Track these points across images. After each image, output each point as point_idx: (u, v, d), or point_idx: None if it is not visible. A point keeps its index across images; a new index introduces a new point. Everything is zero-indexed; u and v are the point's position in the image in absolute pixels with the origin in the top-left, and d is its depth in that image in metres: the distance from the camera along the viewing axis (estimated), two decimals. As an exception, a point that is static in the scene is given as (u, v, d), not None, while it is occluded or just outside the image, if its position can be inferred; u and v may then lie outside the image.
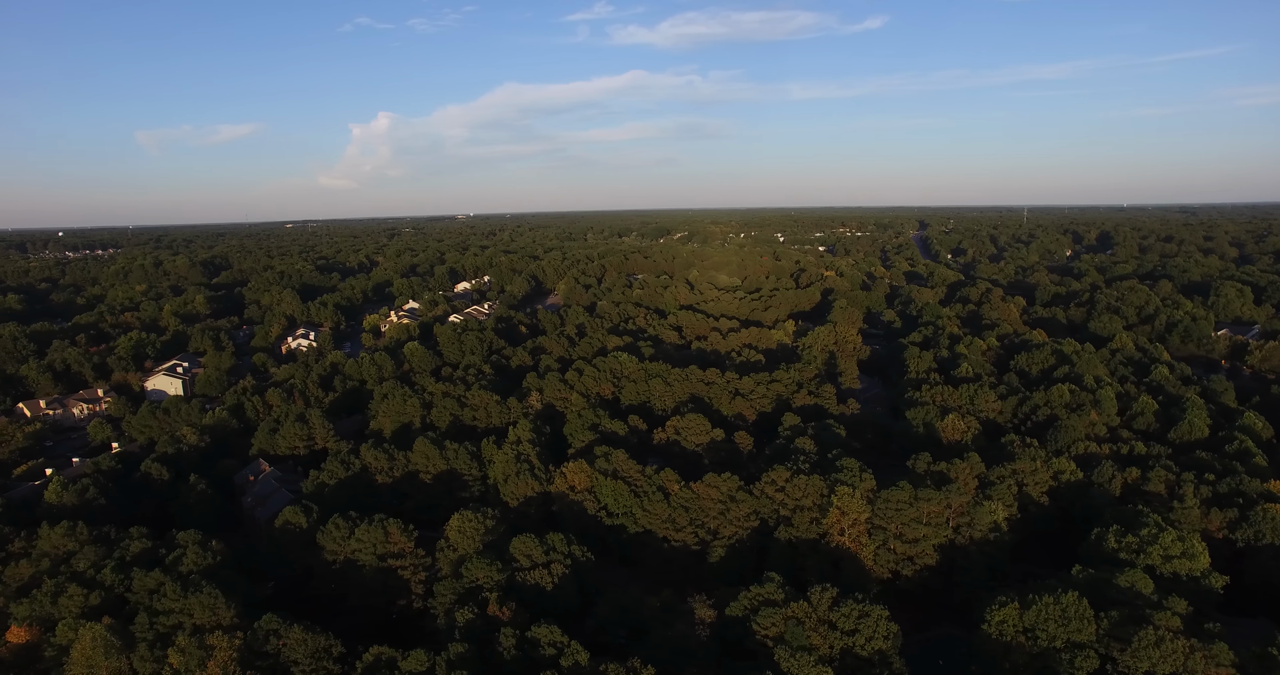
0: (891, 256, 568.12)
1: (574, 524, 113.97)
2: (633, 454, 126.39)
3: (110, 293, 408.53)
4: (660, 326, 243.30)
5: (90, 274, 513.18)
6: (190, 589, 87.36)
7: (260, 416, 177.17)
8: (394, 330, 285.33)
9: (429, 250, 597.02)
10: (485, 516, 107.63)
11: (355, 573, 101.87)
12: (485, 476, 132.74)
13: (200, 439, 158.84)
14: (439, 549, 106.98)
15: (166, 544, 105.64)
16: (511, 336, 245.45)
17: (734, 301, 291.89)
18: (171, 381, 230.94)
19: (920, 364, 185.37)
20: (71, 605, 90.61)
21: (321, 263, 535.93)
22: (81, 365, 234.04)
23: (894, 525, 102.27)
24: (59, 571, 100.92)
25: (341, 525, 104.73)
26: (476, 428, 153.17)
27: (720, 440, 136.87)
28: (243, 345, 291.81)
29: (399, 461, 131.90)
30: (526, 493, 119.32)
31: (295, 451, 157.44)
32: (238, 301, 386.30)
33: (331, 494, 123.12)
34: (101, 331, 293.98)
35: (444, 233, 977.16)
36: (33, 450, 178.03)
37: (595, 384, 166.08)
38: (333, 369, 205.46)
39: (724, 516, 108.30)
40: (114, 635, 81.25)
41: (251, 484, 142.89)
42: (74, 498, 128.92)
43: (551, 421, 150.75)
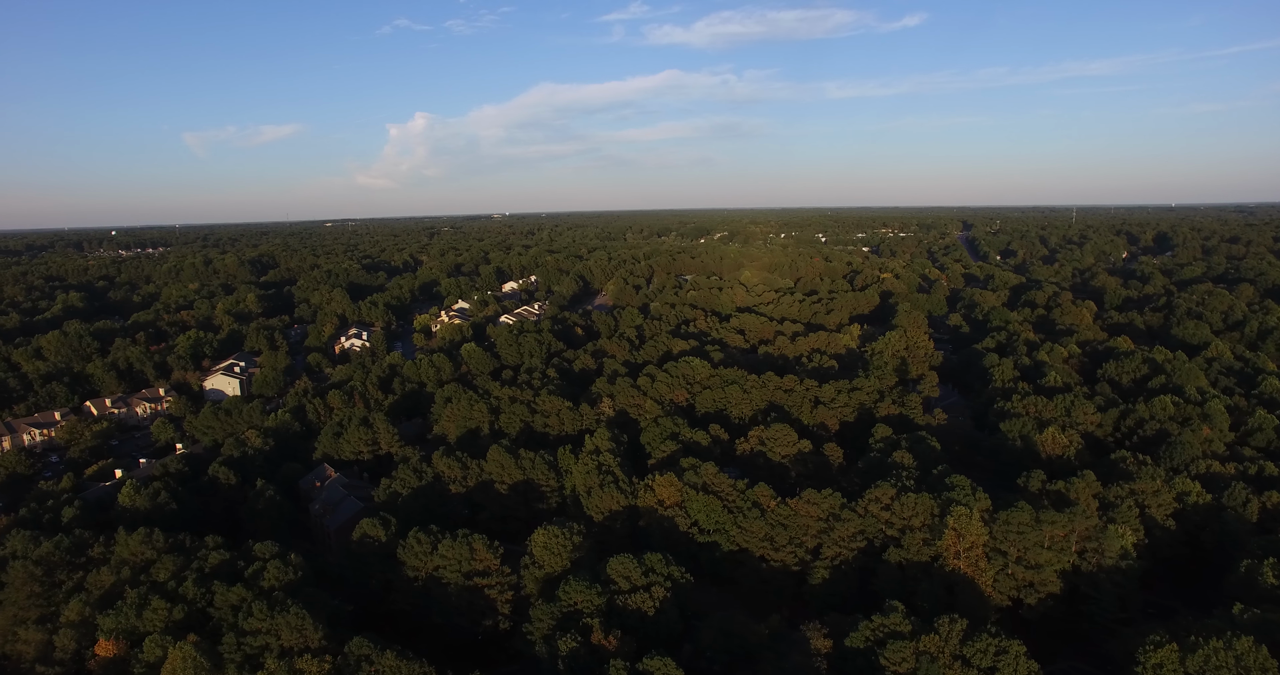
0: (939, 258, 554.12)
1: (663, 541, 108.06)
2: (715, 465, 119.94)
3: (165, 291, 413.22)
4: (723, 330, 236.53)
5: (144, 272, 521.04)
6: (277, 608, 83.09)
7: (322, 419, 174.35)
8: (446, 330, 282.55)
9: (472, 250, 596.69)
10: (571, 532, 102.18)
11: (439, 590, 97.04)
12: (562, 487, 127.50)
13: (264, 442, 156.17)
14: (524, 566, 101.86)
15: (243, 556, 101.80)
16: (569, 338, 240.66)
17: (793, 304, 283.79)
18: (229, 381, 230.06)
19: (1004, 372, 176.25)
20: (156, 619, 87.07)
21: (367, 262, 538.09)
22: (143, 364, 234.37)
23: (1015, 549, 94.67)
24: (139, 581, 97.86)
25: (424, 540, 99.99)
26: (548, 435, 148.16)
27: (808, 452, 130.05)
28: (296, 344, 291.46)
29: (472, 470, 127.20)
30: (612, 506, 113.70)
31: (359, 456, 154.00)
32: (287, 300, 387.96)
33: (405, 504, 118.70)
34: (160, 330, 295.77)
35: (483, 232, 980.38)
36: (101, 449, 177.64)
37: (669, 390, 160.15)
38: (391, 371, 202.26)
39: (827, 536, 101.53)
40: (203, 655, 77.33)
41: (318, 490, 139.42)
42: (146, 502, 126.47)
43: (625, 429, 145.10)
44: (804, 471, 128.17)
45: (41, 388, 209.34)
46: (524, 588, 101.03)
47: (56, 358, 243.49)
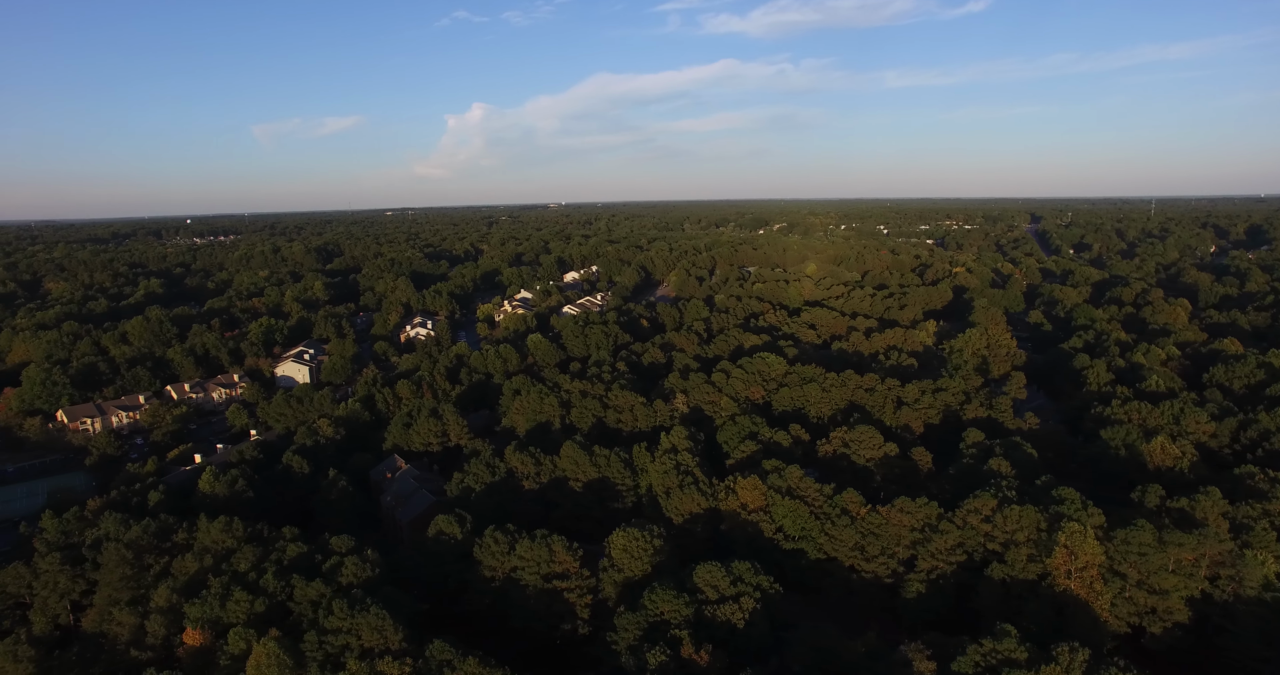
0: (1009, 251, 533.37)
1: (747, 547, 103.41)
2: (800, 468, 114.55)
3: (236, 278, 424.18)
4: (794, 324, 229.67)
5: (217, 259, 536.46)
6: (357, 607, 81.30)
7: (391, 409, 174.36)
8: (509, 320, 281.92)
9: (532, 239, 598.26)
10: (652, 535, 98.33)
11: (517, 592, 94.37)
12: (637, 486, 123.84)
13: (335, 431, 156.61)
14: (603, 569, 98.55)
15: (320, 549, 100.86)
16: (634, 331, 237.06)
17: (864, 298, 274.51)
18: (299, 368, 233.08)
19: (1098, 375, 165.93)
20: (239, 611, 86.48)
21: (429, 250, 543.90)
22: (218, 350, 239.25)
23: (1135, 572, 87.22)
24: (221, 570, 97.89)
25: (500, 540, 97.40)
26: (621, 431, 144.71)
27: (894, 456, 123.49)
28: (362, 332, 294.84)
29: (545, 467, 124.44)
30: (692, 509, 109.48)
31: (429, 448, 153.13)
32: (352, 288, 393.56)
33: (478, 500, 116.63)
34: (233, 316, 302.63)
35: (540, 221, 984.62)
36: (181, 433, 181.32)
37: (744, 387, 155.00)
38: (458, 361, 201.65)
39: (922, 547, 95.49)
40: (286, 653, 75.95)
41: (389, 482, 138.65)
42: (225, 489, 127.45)
43: (700, 426, 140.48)
44: (890, 476, 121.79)
45: (127, 371, 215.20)
46: (602, 591, 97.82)
47: (140, 342, 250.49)
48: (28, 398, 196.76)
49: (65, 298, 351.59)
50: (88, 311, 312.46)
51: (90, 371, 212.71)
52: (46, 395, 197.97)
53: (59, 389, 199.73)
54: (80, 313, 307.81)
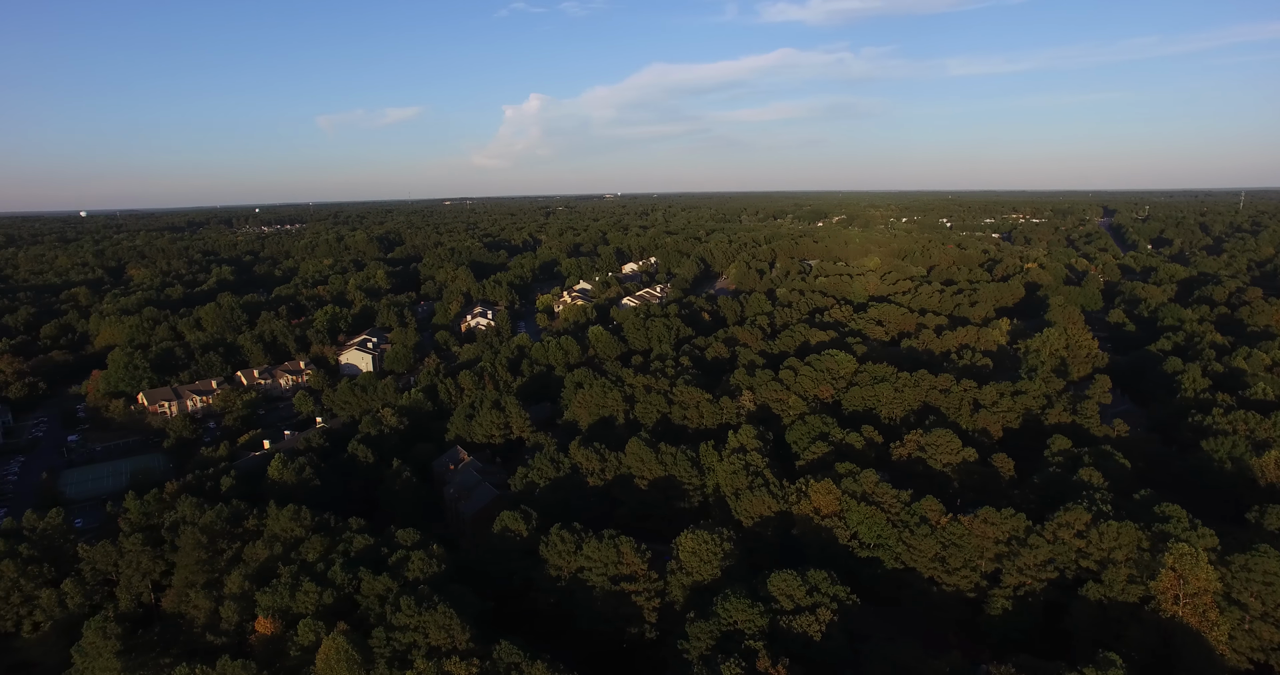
0: (1082, 246, 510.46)
1: (820, 553, 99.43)
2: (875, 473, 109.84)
3: (302, 266, 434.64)
4: (861, 321, 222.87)
5: (284, 248, 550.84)
6: (424, 604, 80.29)
7: (453, 400, 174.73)
8: (569, 311, 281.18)
9: (590, 230, 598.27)
10: (721, 538, 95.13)
11: (583, 593, 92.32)
12: (704, 486, 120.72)
13: (399, 421, 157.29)
14: (670, 572, 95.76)
15: (386, 542, 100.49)
16: (696, 324, 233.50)
17: (932, 294, 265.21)
18: (363, 356, 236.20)
19: (1193, 380, 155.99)
20: (308, 602, 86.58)
21: (488, 240, 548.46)
22: (285, 337, 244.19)
23: (1259, 603, 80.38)
24: (290, 558, 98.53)
25: (567, 539, 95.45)
26: (686, 428, 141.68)
27: (973, 461, 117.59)
28: (423, 321, 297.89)
29: (610, 463, 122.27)
30: (762, 511, 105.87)
31: (491, 440, 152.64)
32: (413, 277, 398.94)
33: (543, 496, 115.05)
34: (299, 303, 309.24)
35: (597, 212, 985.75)
36: (251, 419, 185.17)
37: (813, 385, 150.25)
38: (519, 352, 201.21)
39: (1009, 561, 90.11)
40: (354, 648, 75.32)
41: (452, 473, 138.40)
42: (292, 476, 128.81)
43: (767, 424, 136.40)
44: (969, 483, 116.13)
45: (201, 357, 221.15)
46: (669, 594, 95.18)
47: (212, 328, 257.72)
48: (112, 380, 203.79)
49: (145, 284, 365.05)
50: (165, 297, 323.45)
51: (167, 356, 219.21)
52: (129, 378, 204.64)
53: (140, 373, 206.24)
54: (159, 298, 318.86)
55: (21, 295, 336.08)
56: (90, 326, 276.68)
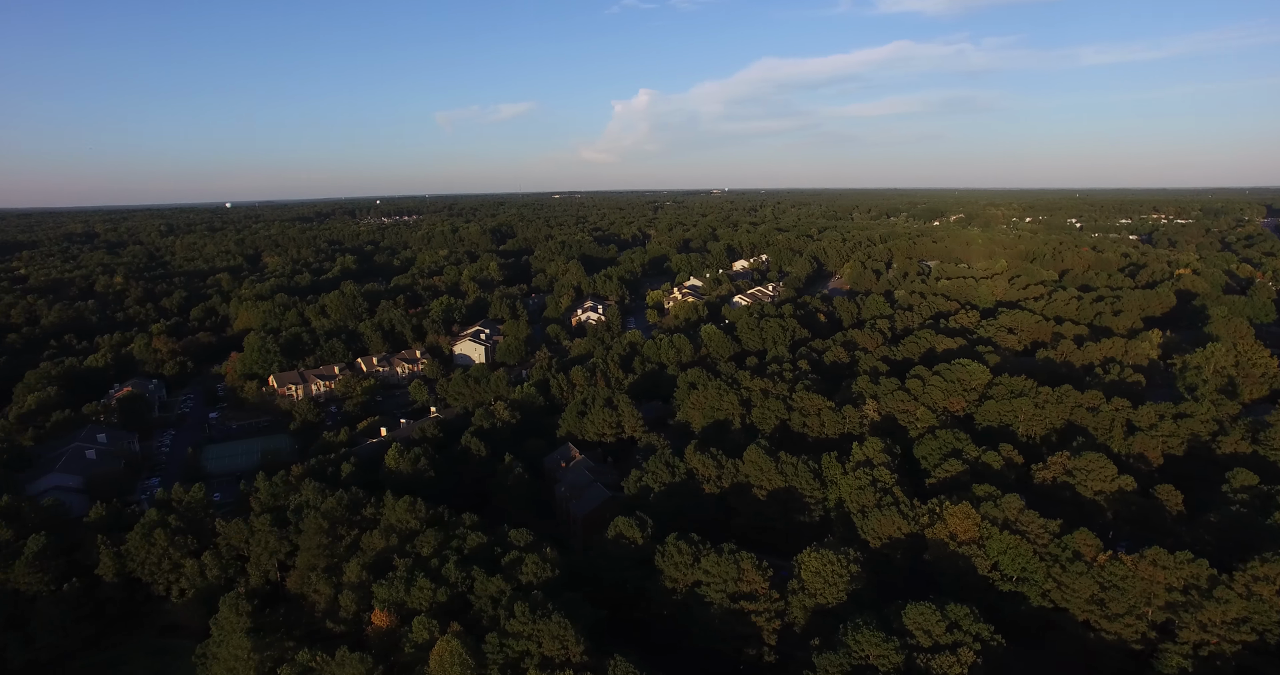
0: (1240, 250, 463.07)
1: (956, 583, 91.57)
2: (1019, 498, 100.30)
3: (419, 257, 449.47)
4: (990, 328, 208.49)
5: (402, 238, 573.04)
6: (538, 612, 78.17)
7: (565, 395, 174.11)
8: (679, 308, 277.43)
9: (699, 225, 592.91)
10: (848, 559, 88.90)
11: (700, 608, 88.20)
12: (826, 499, 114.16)
13: (511, 415, 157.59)
14: (791, 591, 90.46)
15: (499, 541, 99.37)
16: (811, 325, 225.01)
17: (1068, 301, 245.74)
18: (476, 347, 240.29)
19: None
20: (422, 598, 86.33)
21: (597, 234, 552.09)
22: (403, 326, 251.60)
23: None
24: (405, 551, 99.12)
25: (684, 550, 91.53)
26: (806, 436, 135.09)
27: (1131, 491, 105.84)
28: (534, 313, 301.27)
29: (728, 470, 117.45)
30: (891, 532, 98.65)
31: (602, 438, 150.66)
32: (525, 269, 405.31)
33: (658, 501, 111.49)
34: (415, 293, 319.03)
35: (705, 207, 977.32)
36: (369, 405, 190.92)
37: (944, 397, 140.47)
38: (631, 349, 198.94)
39: (1187, 614, 79.57)
40: (468, 652, 73.98)
41: (563, 471, 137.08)
42: (408, 466, 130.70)
43: (892, 436, 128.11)
44: (1126, 515, 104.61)
45: (325, 343, 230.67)
46: (789, 614, 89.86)
47: (336, 316, 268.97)
48: (247, 363, 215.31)
49: (278, 271, 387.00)
50: (295, 284, 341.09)
51: (295, 341, 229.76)
52: (261, 361, 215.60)
53: (271, 356, 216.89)
54: (289, 285, 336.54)
55: (176, 280, 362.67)
56: (230, 310, 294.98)
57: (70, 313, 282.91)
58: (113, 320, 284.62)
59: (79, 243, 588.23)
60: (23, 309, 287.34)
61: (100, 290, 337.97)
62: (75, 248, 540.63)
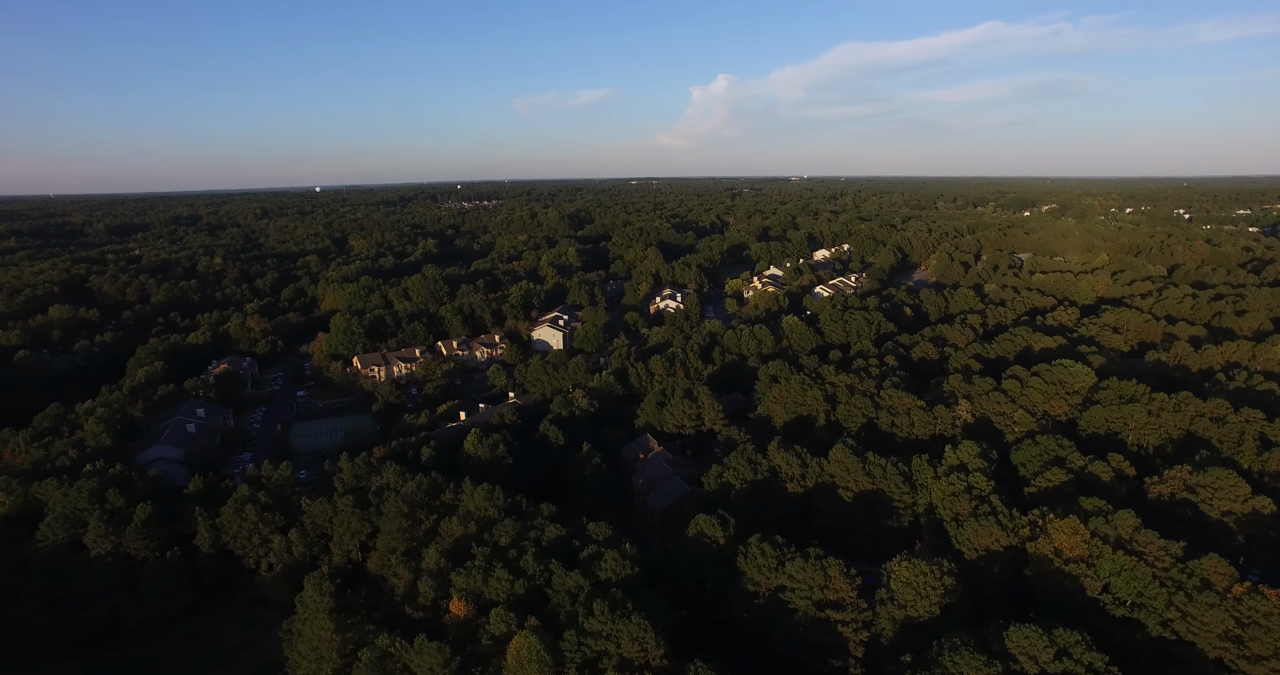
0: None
1: (1060, 603, 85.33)
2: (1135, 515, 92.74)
3: (498, 241, 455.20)
4: (1092, 326, 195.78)
5: (481, 223, 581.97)
6: (617, 610, 76.18)
7: (643, 385, 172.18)
8: (759, 298, 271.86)
9: (779, 213, 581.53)
10: (941, 570, 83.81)
11: (783, 614, 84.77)
12: (915, 504, 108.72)
13: (590, 403, 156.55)
14: (879, 601, 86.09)
15: (577, 534, 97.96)
16: (897, 319, 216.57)
17: (1181, 299, 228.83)
18: (554, 333, 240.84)
19: None
20: (500, 589, 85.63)
21: (675, 221, 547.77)
22: (482, 310, 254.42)
23: None
24: (484, 539, 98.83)
25: (768, 552, 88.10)
26: (894, 436, 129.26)
27: (1267, 514, 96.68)
28: (612, 300, 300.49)
29: (812, 469, 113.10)
30: (988, 544, 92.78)
31: (682, 430, 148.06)
32: (603, 255, 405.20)
33: (739, 499, 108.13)
34: (495, 278, 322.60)
35: (784, 195, 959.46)
36: (448, 389, 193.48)
37: (1044, 399, 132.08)
38: (711, 339, 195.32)
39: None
40: (546, 649, 72.68)
41: (641, 463, 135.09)
42: (487, 452, 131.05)
43: (986, 439, 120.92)
44: (1263, 542, 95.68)
45: (407, 325, 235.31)
46: (877, 625, 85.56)
47: (418, 299, 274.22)
48: (333, 343, 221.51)
49: (363, 254, 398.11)
50: (379, 267, 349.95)
51: (379, 323, 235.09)
52: (346, 342, 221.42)
53: (355, 337, 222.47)
54: (373, 267, 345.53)
55: (269, 261, 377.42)
56: (318, 291, 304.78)
57: (175, 292, 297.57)
58: (212, 299, 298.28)
59: (185, 225, 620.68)
60: (136, 288, 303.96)
61: (202, 271, 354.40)
62: (181, 230, 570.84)
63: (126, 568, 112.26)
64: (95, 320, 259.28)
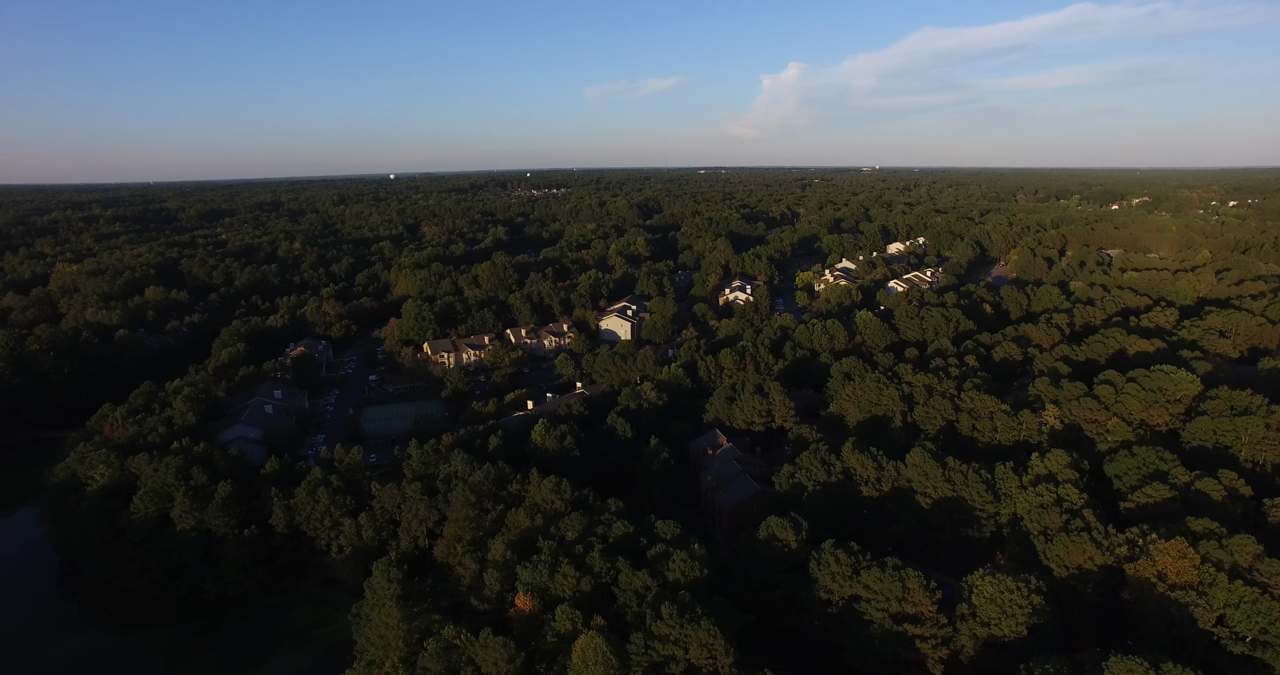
0: None
1: (1164, 632, 79.28)
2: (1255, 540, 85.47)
3: (567, 230, 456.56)
4: (1195, 329, 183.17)
5: (551, 211, 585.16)
6: (686, 615, 74.15)
7: (713, 378, 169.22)
8: (830, 291, 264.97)
9: (851, 205, 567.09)
10: (1029, 588, 78.90)
11: (857, 625, 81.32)
12: (998, 514, 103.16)
13: (658, 396, 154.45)
14: (960, 617, 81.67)
15: (645, 532, 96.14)
16: (976, 316, 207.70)
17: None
18: (622, 323, 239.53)
19: None
20: (566, 586, 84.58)
21: (745, 211, 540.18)
22: (551, 299, 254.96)
23: None
24: (550, 533, 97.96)
25: (843, 560, 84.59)
26: (976, 441, 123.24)
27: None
28: (681, 291, 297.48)
29: (888, 472, 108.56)
30: (1081, 562, 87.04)
31: (751, 426, 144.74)
32: (671, 245, 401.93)
33: (811, 501, 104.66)
34: (564, 266, 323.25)
35: (856, 185, 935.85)
36: (516, 377, 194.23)
37: (1141, 408, 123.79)
38: (782, 333, 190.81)
39: None
40: (611, 651, 71.16)
41: (710, 459, 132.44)
42: (554, 443, 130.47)
43: (1076, 448, 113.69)
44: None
45: (476, 312, 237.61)
46: (956, 642, 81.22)
47: (487, 286, 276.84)
48: (405, 329, 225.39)
49: (434, 240, 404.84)
50: (450, 254, 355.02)
51: (449, 310, 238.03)
52: (417, 328, 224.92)
53: (426, 323, 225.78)
54: (444, 254, 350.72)
55: (345, 247, 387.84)
56: (391, 277, 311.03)
57: (257, 275, 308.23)
58: (290, 283, 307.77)
59: (267, 211, 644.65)
60: (221, 271, 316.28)
61: (282, 255, 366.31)
62: (264, 215, 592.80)
63: (208, 543, 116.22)
64: (185, 302, 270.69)
